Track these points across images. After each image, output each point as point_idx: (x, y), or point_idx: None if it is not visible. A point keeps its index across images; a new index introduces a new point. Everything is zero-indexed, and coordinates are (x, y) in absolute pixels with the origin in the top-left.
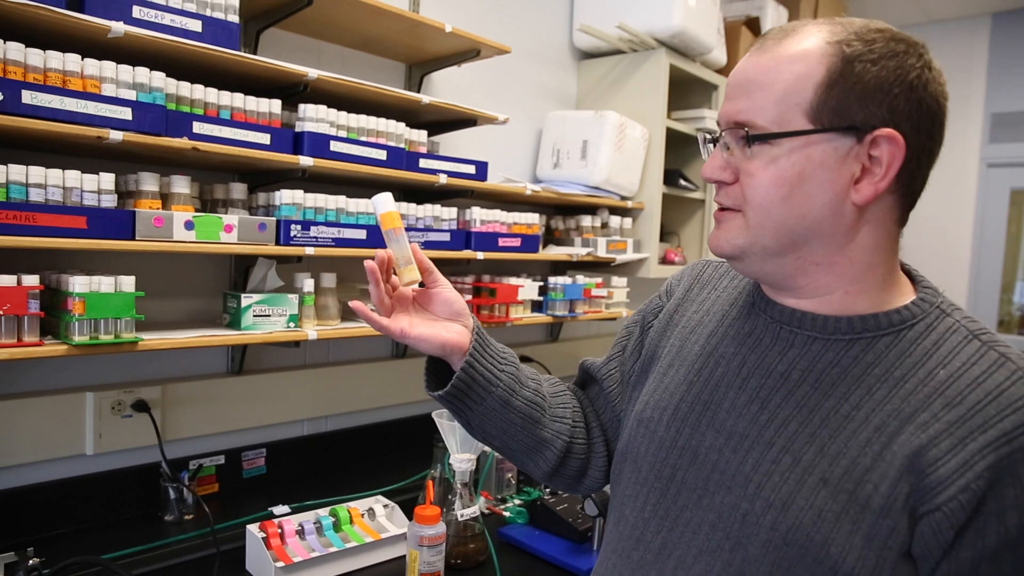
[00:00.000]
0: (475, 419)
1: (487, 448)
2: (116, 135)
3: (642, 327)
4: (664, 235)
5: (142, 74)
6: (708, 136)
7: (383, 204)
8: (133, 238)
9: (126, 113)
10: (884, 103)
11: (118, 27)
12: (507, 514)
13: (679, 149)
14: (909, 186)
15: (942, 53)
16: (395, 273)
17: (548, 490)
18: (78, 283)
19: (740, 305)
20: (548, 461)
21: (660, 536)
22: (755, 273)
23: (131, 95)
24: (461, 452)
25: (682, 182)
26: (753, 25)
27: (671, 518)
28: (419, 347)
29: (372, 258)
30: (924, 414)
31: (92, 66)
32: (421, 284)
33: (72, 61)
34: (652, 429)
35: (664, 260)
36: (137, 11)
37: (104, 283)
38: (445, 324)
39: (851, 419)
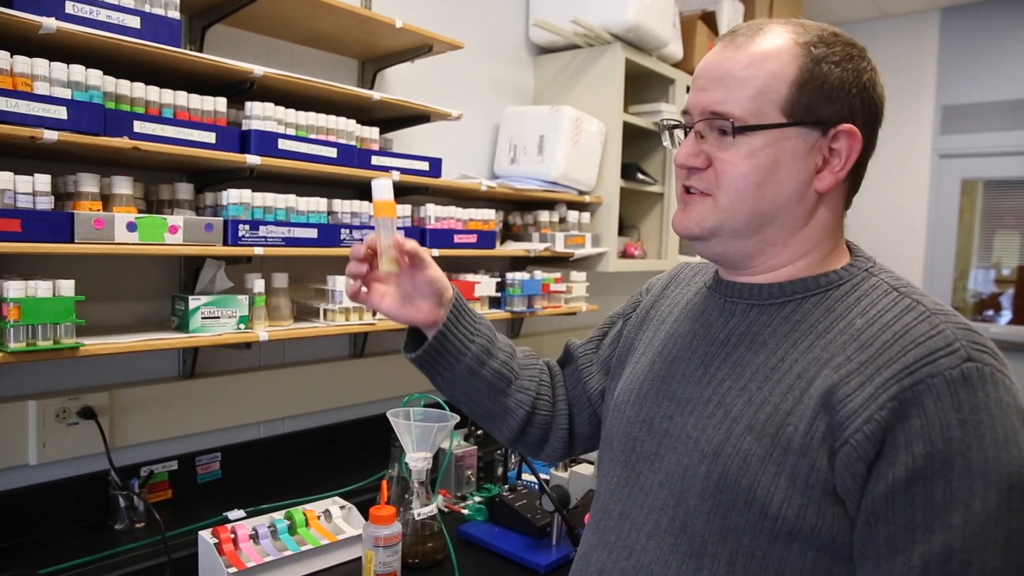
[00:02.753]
0: (444, 383)
1: (444, 446)
2: (51, 135)
3: (623, 320)
4: (623, 229)
5: (77, 72)
6: (673, 123)
7: (382, 191)
8: (72, 241)
9: (61, 112)
10: (845, 101)
11: (50, 23)
12: (466, 512)
13: (636, 143)
14: (857, 174)
15: (893, 47)
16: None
17: (507, 487)
18: (13, 288)
19: (700, 291)
20: (511, 428)
21: (621, 503)
22: (718, 254)
23: (66, 94)
24: (417, 451)
25: (640, 176)
26: (709, 19)
27: (630, 485)
28: (390, 319)
29: (332, 257)
30: (839, 357)
31: (23, 63)
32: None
33: (0, 58)
34: (622, 411)
35: (624, 254)
36: (70, 7)
37: (41, 287)
38: (417, 303)
39: (776, 370)
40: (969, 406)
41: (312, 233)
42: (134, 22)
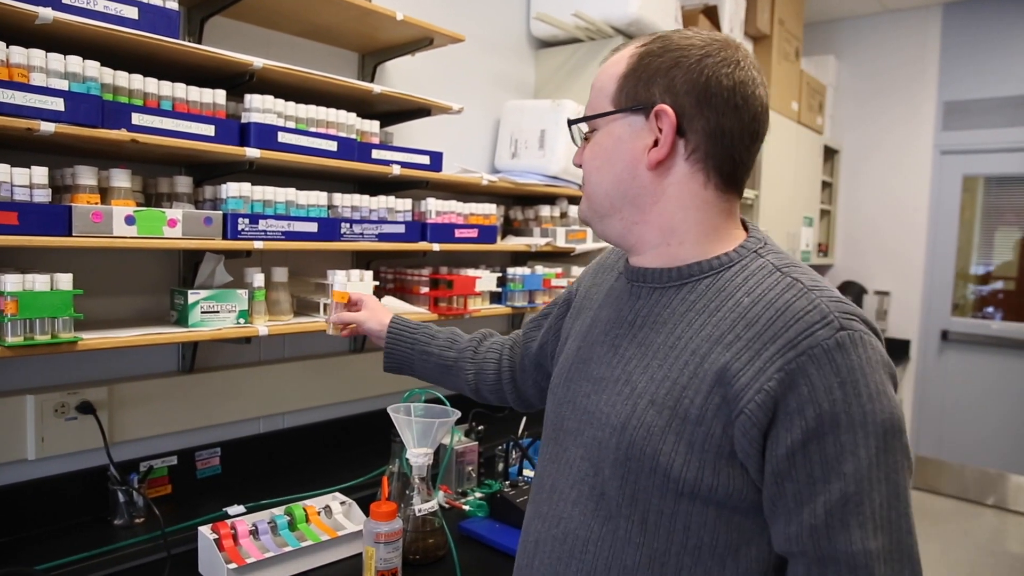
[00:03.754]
0: (415, 375)
1: (445, 442)
2: (48, 127)
3: (564, 304)
4: None
5: (74, 63)
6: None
7: (342, 286)
8: (70, 234)
9: (58, 104)
10: (662, 84)
11: (46, 13)
12: (467, 508)
13: None
14: (712, 156)
15: (895, 42)
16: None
17: (508, 483)
18: (10, 282)
19: (619, 277)
20: (470, 393)
21: (551, 477)
22: (603, 236)
23: (63, 85)
24: (418, 447)
25: None
26: (711, 13)
27: (558, 460)
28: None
29: (332, 251)
30: (730, 335)
31: (19, 54)
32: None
33: None
34: (555, 392)
35: None
36: None
37: (39, 281)
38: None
39: (675, 348)
40: (846, 369)
41: (312, 227)
42: (132, 13)
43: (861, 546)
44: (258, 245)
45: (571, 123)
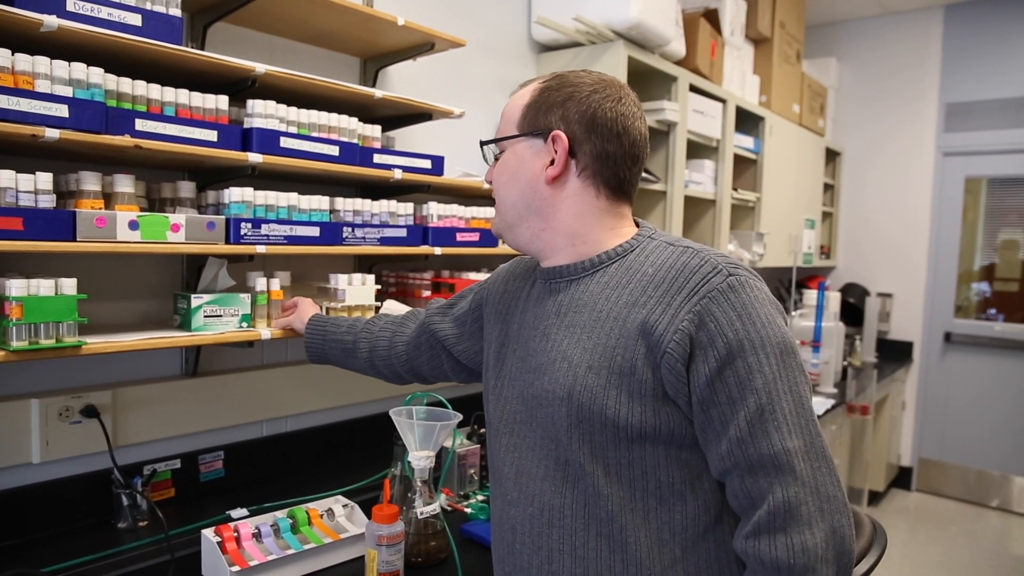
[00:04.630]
0: (332, 362)
1: (447, 445)
2: (52, 133)
3: (476, 310)
4: None
5: (79, 70)
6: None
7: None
8: (74, 239)
9: (62, 110)
10: (557, 113)
11: (51, 21)
12: (469, 510)
13: None
14: (599, 173)
15: (897, 44)
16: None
17: None
18: (15, 286)
19: (536, 283)
20: (366, 369)
21: (514, 466)
22: (515, 244)
23: (67, 91)
24: (420, 450)
25: (643, 174)
26: (712, 17)
27: (517, 449)
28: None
29: (334, 255)
30: (643, 297)
31: (24, 61)
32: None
33: (1, 56)
34: (496, 393)
35: None
36: (72, 4)
37: (43, 286)
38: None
39: (599, 320)
40: (740, 304)
41: (314, 231)
42: (135, 20)
43: (781, 446)
44: (261, 249)
45: (483, 144)
